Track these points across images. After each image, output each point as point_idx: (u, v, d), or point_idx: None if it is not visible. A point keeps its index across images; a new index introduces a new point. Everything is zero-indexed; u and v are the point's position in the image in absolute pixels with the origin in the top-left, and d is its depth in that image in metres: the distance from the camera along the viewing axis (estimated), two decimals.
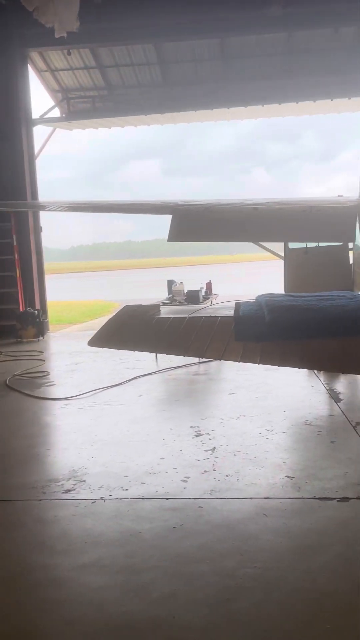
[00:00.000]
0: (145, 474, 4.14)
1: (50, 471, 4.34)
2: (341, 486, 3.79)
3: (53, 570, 2.98)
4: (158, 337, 3.98)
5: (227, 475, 4.05)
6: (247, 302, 4.31)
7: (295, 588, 2.72)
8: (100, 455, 4.59)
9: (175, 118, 13.19)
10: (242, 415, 5.50)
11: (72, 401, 6.36)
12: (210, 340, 3.76)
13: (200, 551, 3.06)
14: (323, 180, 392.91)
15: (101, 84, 12.72)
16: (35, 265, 12.12)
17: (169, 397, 6.56)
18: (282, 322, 3.66)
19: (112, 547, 3.15)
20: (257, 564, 2.92)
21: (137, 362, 8.26)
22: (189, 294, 11.23)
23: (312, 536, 3.18)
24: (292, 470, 4.10)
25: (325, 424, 5.19)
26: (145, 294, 18.83)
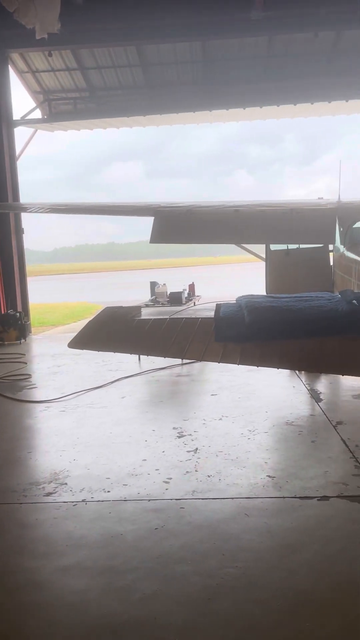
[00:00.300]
0: (127, 476, 4.14)
1: (32, 474, 4.32)
2: (321, 485, 3.83)
3: (34, 573, 2.97)
4: (138, 339, 3.98)
5: (209, 475, 4.07)
6: (228, 303, 4.34)
7: (276, 587, 2.74)
8: (82, 458, 4.58)
9: (158, 120, 13.22)
10: (225, 416, 5.53)
11: (54, 404, 6.33)
12: (190, 342, 3.77)
13: (182, 552, 3.08)
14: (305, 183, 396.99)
15: (83, 85, 12.69)
16: (17, 267, 12.03)
17: (151, 399, 6.56)
18: (261, 323, 3.69)
19: (94, 549, 3.15)
20: (238, 563, 2.94)
21: (120, 364, 8.25)
22: (172, 295, 11.26)
23: (293, 535, 3.21)
24: (274, 470, 4.14)
25: (306, 423, 5.24)
26: (128, 296, 18.80)
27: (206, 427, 5.20)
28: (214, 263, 61.58)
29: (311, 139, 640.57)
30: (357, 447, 4.50)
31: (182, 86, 12.40)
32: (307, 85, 11.90)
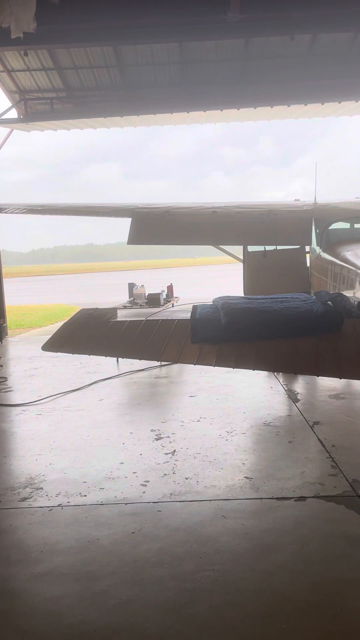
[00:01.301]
0: (104, 479, 4.10)
1: (6, 479, 4.24)
2: (298, 485, 3.84)
3: (8, 580, 2.91)
4: (114, 341, 3.94)
5: (186, 478, 4.05)
6: (204, 304, 4.34)
7: (253, 589, 2.74)
8: (59, 462, 4.52)
9: (135, 121, 13.18)
10: (203, 418, 5.52)
11: (31, 407, 6.24)
12: (166, 343, 3.75)
13: (159, 555, 3.05)
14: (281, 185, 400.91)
15: (59, 85, 12.58)
16: None
17: (129, 401, 6.52)
18: (237, 324, 3.69)
19: (69, 555, 3.10)
20: (216, 566, 2.93)
21: (98, 366, 8.19)
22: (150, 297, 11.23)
23: (270, 536, 3.21)
24: (251, 471, 4.14)
25: (283, 424, 5.27)
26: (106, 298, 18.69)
27: (184, 429, 5.18)
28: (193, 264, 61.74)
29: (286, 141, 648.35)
30: (333, 447, 4.54)
31: (160, 87, 12.38)
32: (283, 87, 12.00)
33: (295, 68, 12.00)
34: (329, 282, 6.17)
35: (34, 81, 12.54)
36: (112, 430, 5.27)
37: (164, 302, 11.26)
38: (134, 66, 12.25)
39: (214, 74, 12.16)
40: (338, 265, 6.01)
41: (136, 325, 3.94)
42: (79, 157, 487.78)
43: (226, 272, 24.89)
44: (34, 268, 71.69)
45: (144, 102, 12.31)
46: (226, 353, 3.60)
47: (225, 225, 6.84)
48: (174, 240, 7.30)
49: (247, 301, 4.13)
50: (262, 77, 12.07)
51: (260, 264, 7.99)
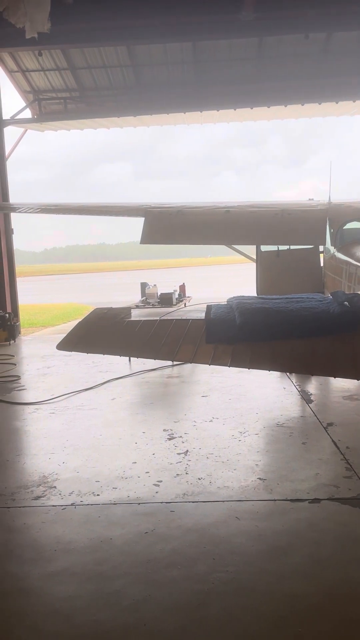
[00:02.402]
0: (117, 479, 4.10)
1: (20, 478, 4.26)
2: (312, 487, 3.81)
3: (21, 579, 2.91)
4: (128, 340, 3.94)
5: (199, 478, 4.04)
6: (218, 304, 4.31)
7: (266, 591, 2.71)
8: (72, 461, 4.52)
9: (148, 120, 13.18)
10: (215, 418, 5.50)
11: (44, 406, 6.27)
12: (181, 343, 3.74)
13: (172, 556, 3.04)
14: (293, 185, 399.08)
15: (73, 85, 12.62)
16: (7, 268, 11.94)
17: (142, 401, 6.52)
18: (252, 324, 3.67)
19: (82, 555, 3.10)
20: (229, 568, 2.91)
21: (110, 365, 8.20)
22: (162, 296, 11.22)
23: (283, 538, 3.19)
24: (264, 472, 4.11)
25: (297, 425, 5.23)
26: (119, 297, 18.73)
27: (197, 429, 5.16)
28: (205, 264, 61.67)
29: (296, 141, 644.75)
30: (347, 448, 4.49)
31: (173, 87, 12.37)
32: (297, 86, 11.93)
33: (309, 67, 11.93)
34: (344, 282, 6.11)
35: (48, 81, 12.60)
36: (125, 430, 5.27)
37: (176, 301, 11.24)
38: (148, 66, 12.26)
39: (227, 73, 12.12)
40: (353, 265, 5.96)
41: (150, 324, 3.93)
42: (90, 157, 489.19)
43: (238, 271, 24.82)
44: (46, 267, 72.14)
45: (157, 101, 12.31)
46: (241, 353, 3.58)
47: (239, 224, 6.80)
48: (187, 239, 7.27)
49: (262, 301, 4.10)
50: (276, 76, 12.02)
51: (274, 264, 7.94)
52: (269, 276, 7.87)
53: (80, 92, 12.70)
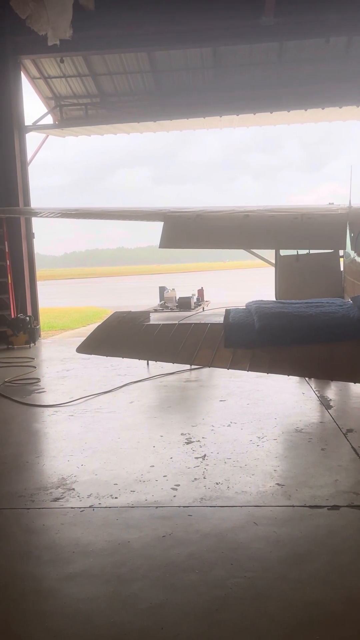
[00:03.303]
0: (135, 482, 4.11)
1: (39, 479, 4.30)
2: (332, 494, 3.77)
3: (40, 580, 2.94)
4: (147, 344, 3.96)
5: (217, 483, 4.03)
6: (237, 309, 4.31)
7: (285, 598, 2.69)
8: (90, 463, 4.55)
9: (168, 126, 13.25)
10: (233, 422, 5.48)
11: (63, 408, 6.32)
12: (199, 347, 3.75)
13: (190, 560, 3.03)
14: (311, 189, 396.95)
15: (94, 91, 12.76)
16: (27, 272, 12.09)
17: (160, 404, 6.53)
18: (271, 329, 3.65)
19: (101, 557, 3.11)
20: (247, 573, 2.89)
21: (128, 368, 8.23)
22: (181, 300, 11.24)
23: (302, 545, 3.16)
24: (283, 478, 4.08)
25: (316, 431, 5.18)
26: (137, 301, 18.81)
27: (214, 434, 5.15)
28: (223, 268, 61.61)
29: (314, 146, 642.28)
30: None
31: (193, 92, 12.43)
32: (318, 90, 11.89)
33: (330, 71, 11.88)
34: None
35: (69, 87, 12.77)
36: (143, 433, 5.28)
37: (194, 305, 11.25)
38: (168, 71, 12.34)
39: (247, 78, 12.14)
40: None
41: (169, 328, 3.94)
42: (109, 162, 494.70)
43: (257, 276, 24.74)
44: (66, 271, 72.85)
45: (177, 106, 12.38)
46: (260, 358, 3.57)
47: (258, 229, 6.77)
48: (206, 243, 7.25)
49: (282, 306, 4.09)
50: (297, 81, 12.00)
51: (293, 268, 7.90)
52: (288, 281, 7.83)
53: (101, 98, 12.84)
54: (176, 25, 10.88)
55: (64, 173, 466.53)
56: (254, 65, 12.00)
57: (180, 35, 11.09)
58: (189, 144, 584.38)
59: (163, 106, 12.49)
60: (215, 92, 12.33)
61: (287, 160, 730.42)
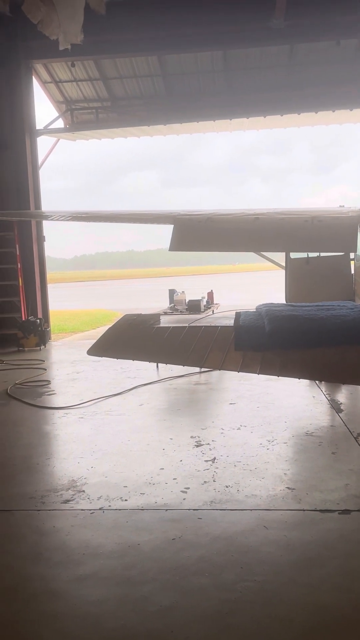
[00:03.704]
0: (144, 485, 4.11)
1: (50, 481, 4.31)
2: (342, 498, 3.75)
3: (51, 581, 2.95)
4: (157, 347, 3.96)
5: (227, 486, 4.02)
6: (247, 311, 4.30)
7: (296, 602, 2.68)
8: (100, 465, 4.56)
9: (178, 129, 13.28)
10: (243, 426, 5.47)
11: (73, 410, 6.34)
12: (209, 350, 3.74)
13: (200, 563, 3.03)
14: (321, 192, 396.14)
15: (105, 95, 12.83)
16: (38, 274, 12.16)
17: (169, 407, 6.53)
18: (282, 332, 3.65)
19: (111, 559, 3.12)
20: (257, 577, 2.88)
21: (138, 371, 8.25)
22: (190, 303, 11.24)
23: (313, 549, 3.14)
24: (293, 482, 4.07)
25: (326, 434, 5.16)
26: (147, 303, 18.84)
27: (224, 437, 5.15)
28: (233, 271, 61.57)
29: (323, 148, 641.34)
30: None
31: (203, 95, 12.45)
32: (328, 93, 11.86)
33: (341, 73, 11.85)
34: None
35: (80, 91, 12.85)
36: (153, 436, 5.28)
37: (204, 308, 11.25)
38: (178, 75, 12.37)
39: (257, 80, 12.14)
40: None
41: (179, 331, 3.95)
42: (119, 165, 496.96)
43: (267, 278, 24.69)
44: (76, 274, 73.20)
45: (187, 109, 12.41)
46: (270, 361, 3.56)
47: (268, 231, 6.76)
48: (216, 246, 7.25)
49: (292, 308, 4.08)
50: (307, 83, 11.98)
51: (303, 271, 7.87)
52: (299, 283, 7.80)
53: (112, 102, 12.91)
54: (187, 29, 10.91)
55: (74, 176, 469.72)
56: (265, 68, 12.00)
57: (191, 38, 11.12)
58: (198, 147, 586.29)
59: (173, 109, 12.52)
60: (225, 95, 12.35)
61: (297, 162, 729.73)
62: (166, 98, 12.64)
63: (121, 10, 10.45)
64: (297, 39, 11.15)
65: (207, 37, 11.09)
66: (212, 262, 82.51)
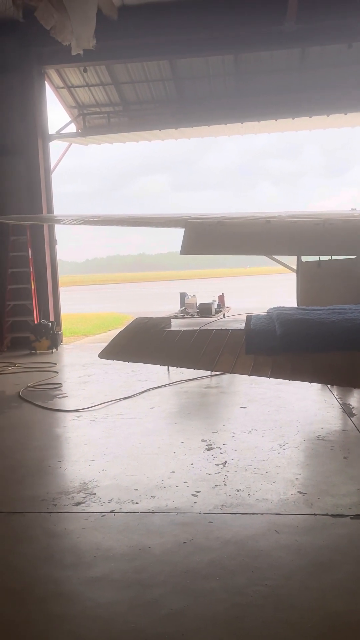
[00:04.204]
0: (155, 488, 4.12)
1: (61, 483, 4.34)
2: (354, 503, 3.72)
3: (62, 584, 2.96)
4: (168, 350, 3.97)
5: (238, 490, 4.01)
6: (258, 315, 4.30)
7: (307, 607, 2.67)
8: (111, 468, 4.58)
9: (189, 133, 13.32)
10: (254, 429, 5.46)
11: (84, 413, 6.37)
12: (220, 353, 3.75)
13: (210, 567, 3.03)
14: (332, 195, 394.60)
15: (116, 99, 12.92)
16: (50, 278, 12.24)
17: (180, 410, 6.53)
18: (293, 336, 3.64)
19: (122, 562, 3.13)
20: (268, 581, 2.87)
21: (149, 374, 8.26)
22: (202, 306, 11.25)
23: (325, 554, 3.13)
24: (304, 486, 4.05)
25: (338, 439, 5.13)
26: (158, 307, 18.88)
27: (235, 440, 5.14)
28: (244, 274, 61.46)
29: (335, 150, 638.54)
30: None
31: (215, 98, 12.49)
32: (340, 95, 11.84)
33: (352, 76, 11.82)
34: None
35: (92, 96, 12.94)
36: (163, 439, 5.29)
37: (215, 311, 11.25)
38: (189, 79, 12.42)
39: (269, 83, 12.15)
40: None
41: (190, 334, 3.96)
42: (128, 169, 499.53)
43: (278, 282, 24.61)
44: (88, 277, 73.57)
45: (199, 113, 12.45)
46: (281, 365, 3.56)
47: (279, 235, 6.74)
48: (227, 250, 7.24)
49: (304, 312, 4.07)
50: (318, 86, 11.97)
51: (315, 274, 7.84)
52: (310, 287, 7.78)
53: (123, 106, 12.98)
54: (199, 33, 10.95)
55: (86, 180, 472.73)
56: (276, 71, 12.01)
57: (202, 42, 11.16)
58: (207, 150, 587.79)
59: (185, 113, 12.57)
60: (236, 98, 12.37)
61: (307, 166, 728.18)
62: (177, 102, 12.69)
63: (133, 16, 10.52)
64: (308, 42, 11.15)
65: (218, 40, 11.12)
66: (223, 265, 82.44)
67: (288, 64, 11.90)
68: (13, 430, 5.94)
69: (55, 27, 9.33)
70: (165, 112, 12.71)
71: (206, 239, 7.19)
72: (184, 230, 7.20)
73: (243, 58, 11.85)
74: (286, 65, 11.91)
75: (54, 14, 9.17)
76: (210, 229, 7.24)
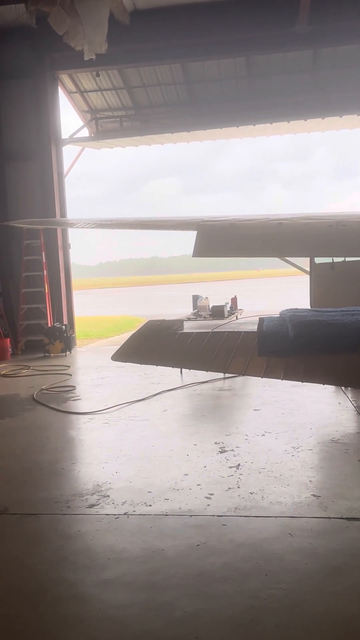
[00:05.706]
0: (169, 490, 4.12)
1: (75, 485, 4.36)
2: None
3: (76, 585, 2.97)
4: (181, 352, 3.98)
5: (251, 492, 4.00)
6: (271, 317, 4.29)
7: (321, 611, 2.65)
8: (125, 470, 4.59)
9: (202, 135, 13.33)
10: (268, 432, 5.43)
11: (98, 416, 6.40)
12: (233, 355, 3.74)
13: (224, 570, 3.02)
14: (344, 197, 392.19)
15: (129, 103, 12.98)
16: (64, 281, 12.32)
17: (193, 413, 6.53)
18: (306, 337, 3.62)
19: (135, 564, 3.13)
20: (282, 585, 2.86)
21: (162, 377, 8.27)
22: (214, 309, 11.23)
23: (339, 557, 3.10)
24: (318, 489, 4.02)
25: (352, 441, 5.08)
26: (171, 309, 18.90)
27: (248, 443, 5.12)
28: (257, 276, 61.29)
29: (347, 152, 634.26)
30: None
31: (227, 101, 12.49)
32: (353, 97, 11.77)
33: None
34: None
35: (105, 100, 13.02)
36: (176, 441, 5.29)
37: (228, 314, 11.22)
38: (201, 82, 12.44)
39: (281, 85, 12.13)
40: None
41: (203, 337, 3.96)
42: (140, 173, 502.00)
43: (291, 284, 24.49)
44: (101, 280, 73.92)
45: (211, 116, 12.46)
46: (294, 367, 3.54)
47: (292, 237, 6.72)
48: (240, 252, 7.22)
49: (316, 314, 4.05)
50: (331, 87, 11.92)
51: (328, 276, 7.80)
52: (324, 289, 7.73)
53: (136, 110, 13.04)
54: (211, 37, 10.97)
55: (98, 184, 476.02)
56: (288, 73, 11.98)
57: (214, 45, 11.17)
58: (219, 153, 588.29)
59: (197, 116, 12.58)
60: (248, 100, 12.36)
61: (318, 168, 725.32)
62: (189, 105, 12.71)
63: (144, 20, 10.56)
64: (320, 44, 11.11)
65: (230, 43, 11.13)
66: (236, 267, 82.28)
67: (300, 66, 11.87)
68: (27, 433, 5.98)
69: (68, 32, 9.40)
70: (177, 115, 12.74)
71: (218, 241, 7.19)
72: (196, 232, 7.20)
73: (255, 60, 11.84)
74: (298, 66, 11.88)
75: (67, 20, 9.24)
76: (222, 232, 7.24)
